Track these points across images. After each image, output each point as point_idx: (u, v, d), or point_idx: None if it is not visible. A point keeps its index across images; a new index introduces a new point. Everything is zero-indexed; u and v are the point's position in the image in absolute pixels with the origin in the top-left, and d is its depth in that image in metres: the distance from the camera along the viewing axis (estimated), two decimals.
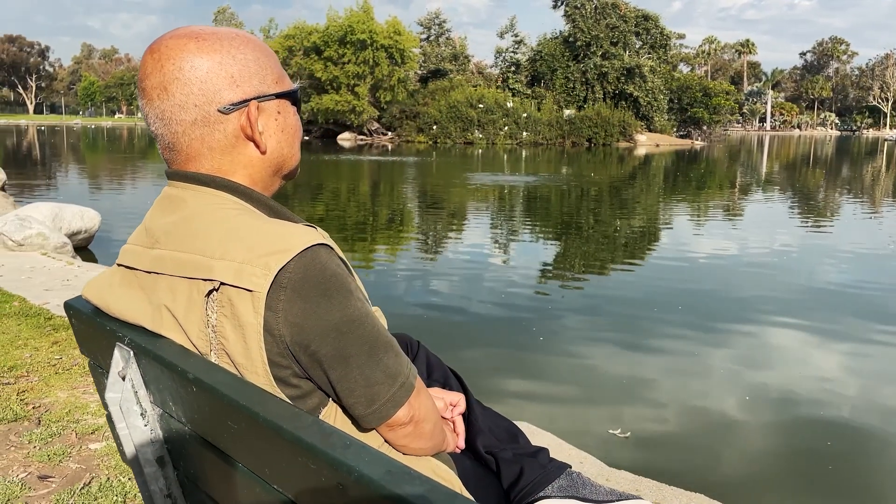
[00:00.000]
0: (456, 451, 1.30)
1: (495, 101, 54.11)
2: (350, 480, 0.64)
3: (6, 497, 2.31)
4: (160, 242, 1.01)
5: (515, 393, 4.30)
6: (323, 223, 11.23)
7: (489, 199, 15.70)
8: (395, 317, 5.90)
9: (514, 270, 7.99)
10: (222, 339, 0.93)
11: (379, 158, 32.83)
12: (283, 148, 1.09)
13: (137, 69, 1.09)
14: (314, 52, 53.27)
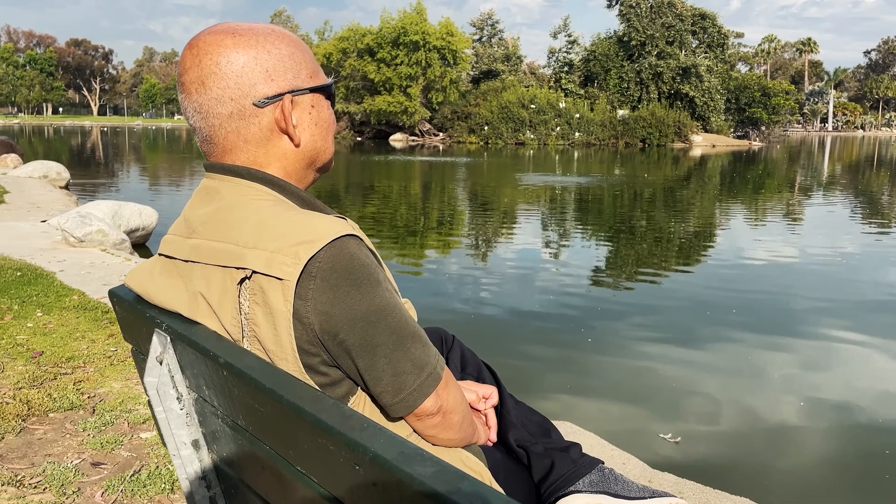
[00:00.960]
0: (488, 444, 1.30)
1: (547, 101, 53.81)
2: (365, 461, 0.65)
3: (61, 482, 2.39)
4: (197, 232, 1.04)
5: (560, 392, 4.27)
6: (374, 222, 11.33)
7: (540, 200, 15.62)
8: (444, 313, 5.92)
9: (564, 271, 7.93)
10: (254, 325, 0.95)
11: (430, 159, 32.95)
12: (317, 141, 1.11)
13: None
14: (367, 53, 53.77)
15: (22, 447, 2.64)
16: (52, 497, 2.29)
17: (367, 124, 56.13)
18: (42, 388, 3.18)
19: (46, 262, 5.98)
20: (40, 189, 12.39)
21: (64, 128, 77.50)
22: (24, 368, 3.41)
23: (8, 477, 2.39)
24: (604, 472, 1.33)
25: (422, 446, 1.06)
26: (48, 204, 10.41)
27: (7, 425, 2.79)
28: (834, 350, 5.21)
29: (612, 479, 1.32)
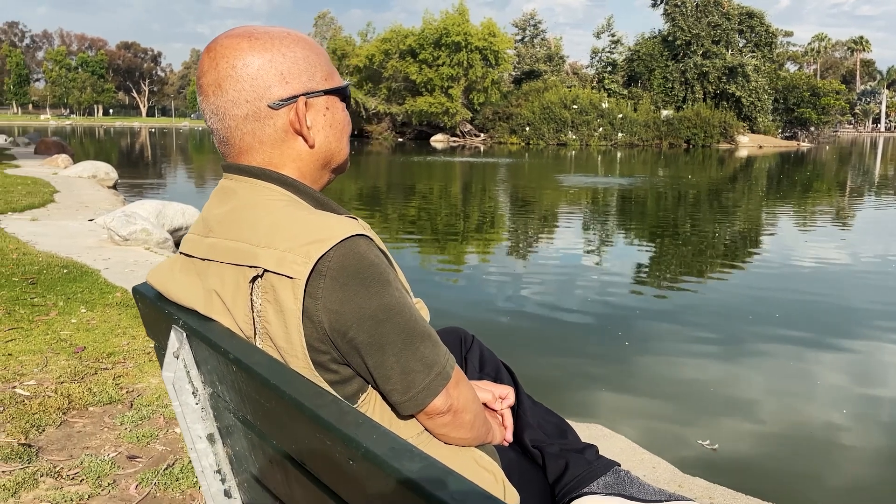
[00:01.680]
0: (504, 444, 1.30)
1: (590, 101, 53.41)
2: (358, 456, 0.66)
3: (97, 474, 2.46)
4: (213, 231, 1.06)
5: (592, 394, 4.24)
6: (414, 223, 11.38)
7: (581, 201, 15.51)
8: (480, 313, 5.92)
9: (604, 273, 7.87)
10: (265, 323, 0.97)
11: (471, 159, 32.95)
12: (332, 142, 1.13)
13: None
14: (409, 54, 54.00)
15: (62, 439, 2.72)
16: (88, 488, 2.36)
17: (408, 125, 56.37)
18: (83, 383, 3.26)
19: (92, 259, 6.13)
20: (89, 189, 12.70)
21: (114, 129, 79.36)
22: (67, 363, 3.51)
23: (47, 468, 2.46)
24: (619, 474, 1.32)
25: (433, 445, 1.07)
26: (96, 203, 10.67)
27: (48, 418, 2.87)
28: (884, 358, 5.07)
29: (627, 481, 1.32)
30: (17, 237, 7.17)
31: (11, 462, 2.48)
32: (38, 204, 9.95)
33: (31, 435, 2.72)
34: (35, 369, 3.40)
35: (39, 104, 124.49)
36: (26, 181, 12.96)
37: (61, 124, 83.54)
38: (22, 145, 27.19)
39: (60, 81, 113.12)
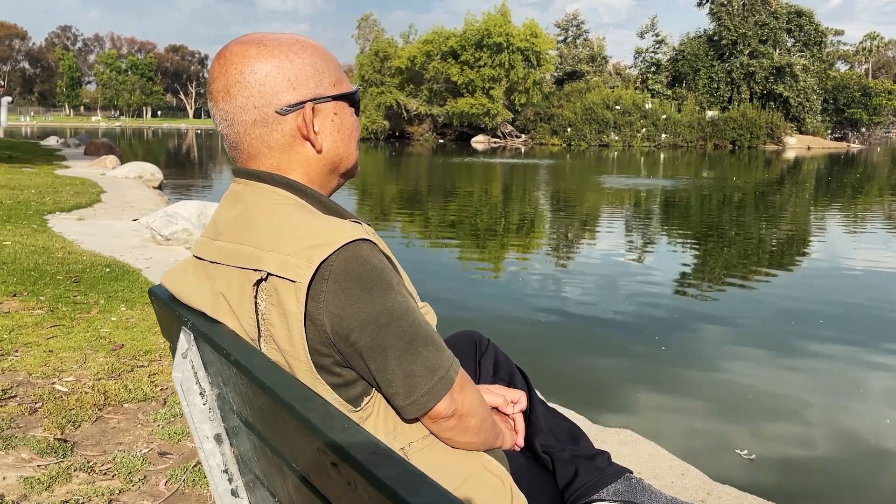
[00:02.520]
0: (515, 450, 1.29)
1: (633, 102, 52.93)
2: (340, 460, 0.66)
3: (129, 469, 2.51)
4: (222, 234, 1.08)
5: (624, 399, 4.19)
6: (453, 225, 11.39)
7: (623, 203, 15.36)
8: (517, 313, 5.90)
9: (643, 277, 7.77)
10: (269, 325, 0.98)
11: (511, 161, 32.87)
12: (339, 147, 1.14)
13: None
14: (451, 55, 54.08)
15: (96, 435, 2.78)
16: (120, 484, 2.41)
17: (449, 126, 56.46)
18: (119, 380, 3.33)
19: (134, 259, 6.27)
20: (135, 189, 12.98)
21: (161, 130, 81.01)
22: (105, 360, 3.59)
23: (81, 463, 2.52)
24: (630, 482, 1.31)
25: (439, 449, 1.07)
26: (140, 203, 10.90)
27: (84, 414, 2.93)
28: None
29: (638, 489, 1.30)
30: (64, 236, 7.36)
31: (47, 456, 2.55)
32: (85, 204, 10.20)
33: (67, 430, 2.78)
34: (74, 366, 3.48)
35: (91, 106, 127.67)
36: (75, 181, 13.29)
37: (111, 126, 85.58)
38: (73, 146, 27.94)
39: (111, 84, 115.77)
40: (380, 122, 56.14)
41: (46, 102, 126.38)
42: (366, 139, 56.02)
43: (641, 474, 2.57)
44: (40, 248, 6.37)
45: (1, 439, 2.63)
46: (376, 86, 57.04)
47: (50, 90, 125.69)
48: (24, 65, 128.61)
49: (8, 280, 5.04)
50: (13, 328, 3.99)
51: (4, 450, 2.57)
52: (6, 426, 2.76)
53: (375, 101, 56.09)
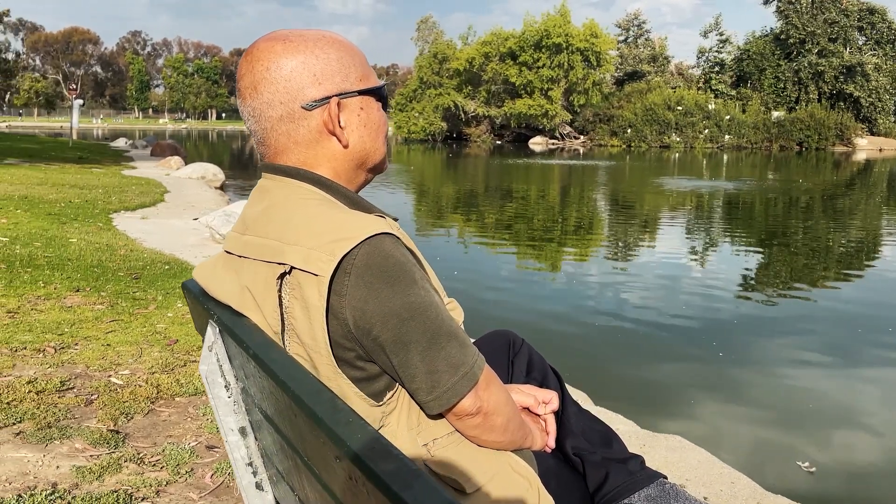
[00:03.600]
0: (546, 451, 1.27)
1: (695, 102, 51.89)
2: (342, 454, 0.66)
3: (177, 462, 2.56)
4: (249, 229, 1.09)
5: (676, 405, 4.09)
6: (509, 227, 11.34)
7: (684, 205, 15.05)
8: (570, 315, 5.84)
9: (703, 280, 7.58)
10: (292, 319, 0.98)
11: (569, 162, 32.58)
12: (366, 142, 1.14)
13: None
14: (509, 57, 53.92)
15: (147, 427, 2.85)
16: (167, 475, 2.46)
17: (506, 128, 56.31)
18: (172, 374, 3.41)
19: (193, 257, 6.42)
20: (197, 189, 13.30)
21: (226, 132, 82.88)
22: (160, 355, 3.67)
23: (131, 454, 2.58)
24: (664, 488, 1.27)
25: (464, 446, 1.06)
26: (202, 203, 11.16)
27: (137, 406, 3.01)
28: None
29: (672, 494, 1.26)
30: (127, 234, 7.58)
31: (99, 447, 2.62)
32: (148, 203, 10.50)
33: (120, 422, 2.86)
34: (130, 360, 3.57)
35: (158, 109, 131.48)
36: (140, 182, 13.70)
37: (177, 128, 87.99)
38: (140, 148, 28.83)
39: (178, 87, 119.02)
40: (437, 123, 56.33)
41: (117, 105, 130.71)
42: (423, 140, 56.28)
43: (689, 481, 2.50)
44: (104, 246, 6.58)
45: (57, 429, 2.72)
46: (434, 87, 57.26)
47: (120, 93, 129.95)
48: (97, 69, 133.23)
49: (72, 276, 5.22)
50: (74, 322, 4.12)
51: (60, 439, 2.65)
52: (62, 416, 2.84)
53: (433, 102, 56.32)
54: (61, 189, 11.37)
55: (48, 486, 2.31)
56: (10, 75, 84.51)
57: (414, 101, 58.88)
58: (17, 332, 3.87)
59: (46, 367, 3.38)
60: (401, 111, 59.91)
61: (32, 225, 7.49)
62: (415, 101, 58.71)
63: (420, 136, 56.74)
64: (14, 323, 4.03)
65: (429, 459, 1.03)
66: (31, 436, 2.65)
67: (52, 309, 4.37)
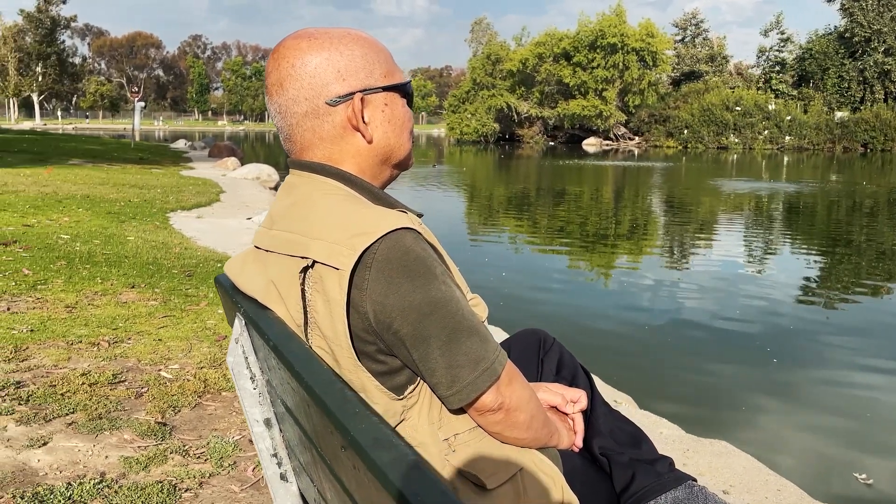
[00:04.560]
0: (574, 450, 1.25)
1: (755, 103, 50.73)
2: (347, 444, 0.66)
3: (220, 455, 2.61)
4: (276, 224, 1.11)
5: (723, 410, 4.00)
6: (562, 229, 11.26)
7: (742, 207, 14.72)
8: (621, 317, 5.77)
9: (758, 285, 7.40)
10: (314, 312, 0.99)
11: (624, 163, 32.19)
12: (390, 138, 1.14)
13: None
14: (563, 57, 53.56)
15: (194, 420, 2.91)
16: (211, 468, 2.50)
17: (560, 128, 55.96)
18: (219, 369, 3.48)
19: None
20: (251, 189, 13.55)
21: None
22: (208, 350, 3.75)
23: (177, 446, 2.64)
24: (692, 490, 1.24)
25: (487, 442, 1.05)
26: (256, 203, 11.36)
27: (185, 400, 3.08)
28: None
29: (701, 497, 1.23)
30: (182, 233, 7.77)
31: (147, 438, 2.68)
32: (204, 203, 10.73)
33: (168, 415, 2.92)
34: (180, 354, 3.66)
35: (217, 111, 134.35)
36: (197, 182, 14.02)
37: (235, 130, 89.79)
38: (198, 149, 29.52)
39: (236, 90, 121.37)
40: (490, 124, 56.29)
41: (177, 107, 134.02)
42: (475, 142, 56.27)
43: (733, 487, 2.44)
44: (160, 244, 6.75)
45: (107, 420, 2.80)
46: (487, 89, 57.24)
47: (181, 96, 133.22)
48: (159, 72, 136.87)
49: (129, 272, 5.37)
50: (128, 317, 4.24)
51: (109, 430, 2.72)
52: (113, 408, 2.92)
53: (486, 103, 56.29)
54: (122, 189, 11.71)
55: (97, 475, 2.38)
56: (76, 79, 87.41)
57: (467, 102, 58.96)
58: (74, 326, 4.00)
59: (100, 360, 3.48)
60: (453, 113, 60.07)
61: (93, 223, 7.73)
62: (467, 103, 58.78)
63: (472, 138, 56.78)
64: (71, 317, 4.17)
65: (450, 454, 1.03)
66: (83, 426, 2.73)
67: (107, 304, 4.50)
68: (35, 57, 75.20)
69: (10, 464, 2.42)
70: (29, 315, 4.15)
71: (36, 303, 4.44)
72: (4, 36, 73.52)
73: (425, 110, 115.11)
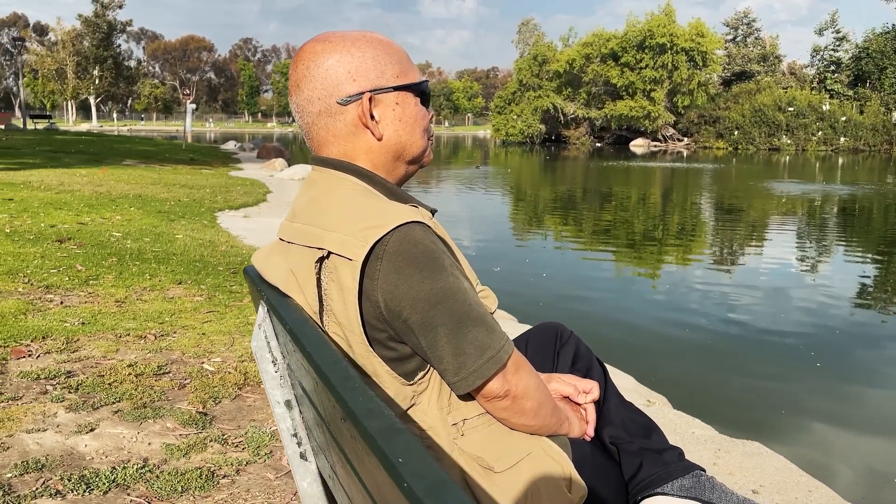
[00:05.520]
0: (585, 439, 1.29)
1: (809, 103, 49.59)
2: (346, 415, 0.71)
3: (257, 444, 2.69)
4: (297, 217, 1.18)
5: (760, 412, 3.95)
6: (608, 231, 11.19)
7: (794, 210, 14.42)
8: (664, 317, 5.73)
9: (807, 289, 7.25)
10: (329, 300, 1.05)
11: (672, 165, 31.77)
12: (402, 136, 1.20)
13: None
14: (611, 58, 53.09)
15: (233, 411, 3.01)
16: (248, 456, 2.59)
17: (606, 130, 55.47)
18: None
19: None
20: (298, 190, 13.76)
21: None
22: (249, 345, 3.86)
23: (216, 435, 2.74)
24: (699, 479, 1.27)
25: (496, 428, 1.10)
26: None
27: (225, 391, 3.18)
28: None
29: (708, 486, 1.25)
30: (229, 232, 7.95)
31: (188, 427, 2.79)
32: (251, 203, 10.96)
33: (209, 405, 3.03)
34: (222, 348, 3.77)
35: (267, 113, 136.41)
36: (245, 182, 14.30)
37: (284, 131, 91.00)
38: (247, 150, 30.06)
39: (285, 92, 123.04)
40: (536, 125, 56.08)
41: (228, 109, 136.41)
42: (521, 143, 56.10)
43: (763, 487, 2.43)
44: (207, 242, 6.93)
45: (151, 409, 2.91)
46: (533, 90, 57.04)
47: (232, 98, 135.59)
48: (210, 75, 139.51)
49: (176, 269, 5.53)
50: (174, 312, 4.38)
51: (153, 419, 2.83)
52: (157, 398, 3.04)
53: (532, 104, 56.09)
54: (172, 188, 12.02)
55: (140, 461, 2.48)
56: (131, 82, 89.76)
57: (512, 103, 58.83)
58: (123, 319, 4.15)
59: (146, 352, 3.61)
60: (499, 114, 59.98)
61: (144, 222, 7.97)
62: (513, 104, 58.65)
63: (518, 139, 56.63)
64: (121, 311, 4.32)
65: (458, 438, 1.08)
66: (128, 414, 2.84)
67: (155, 299, 4.65)
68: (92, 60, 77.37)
69: (59, 448, 2.54)
70: (81, 309, 4.32)
71: (88, 297, 4.61)
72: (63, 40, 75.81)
73: (471, 111, 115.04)
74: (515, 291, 6.75)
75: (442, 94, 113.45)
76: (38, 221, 7.40)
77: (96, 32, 76.45)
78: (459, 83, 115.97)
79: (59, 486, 2.26)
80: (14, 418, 2.75)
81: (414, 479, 0.54)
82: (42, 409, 2.86)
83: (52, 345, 3.61)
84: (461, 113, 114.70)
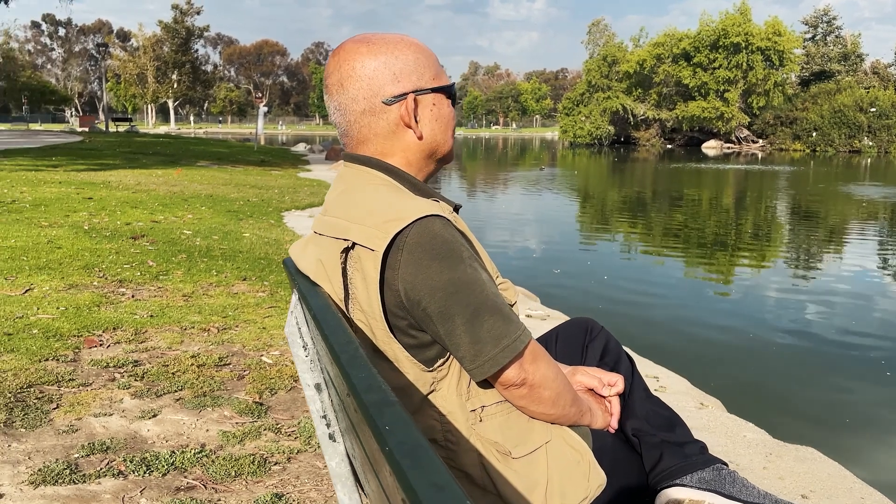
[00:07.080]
0: (610, 431, 1.31)
1: (892, 104, 47.56)
2: (350, 389, 0.76)
3: (309, 434, 2.78)
4: (328, 210, 1.25)
5: (819, 419, 3.86)
6: (678, 234, 11.01)
7: (875, 216, 13.88)
8: (730, 321, 5.63)
9: (884, 297, 7.01)
10: (354, 289, 1.11)
11: (746, 167, 30.97)
12: (437, 135, 1.26)
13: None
14: (683, 58, 52.09)
15: (288, 402, 3.11)
16: (299, 445, 2.68)
17: (677, 131, 54.45)
18: None
19: None
20: None
21: None
22: None
23: (271, 424, 2.84)
24: (720, 472, 1.27)
25: (515, 415, 1.14)
26: None
27: (281, 383, 3.29)
28: None
29: (729, 480, 1.26)
30: (294, 231, 8.16)
31: (245, 416, 2.90)
32: (317, 203, 11.18)
33: (265, 396, 3.14)
34: (281, 342, 3.89)
35: None
36: (312, 183, 14.61)
37: None
38: (317, 152, 30.63)
39: None
40: (605, 127, 55.46)
41: (300, 112, 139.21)
42: (589, 145, 55.53)
43: (813, 492, 2.39)
44: (272, 240, 7.13)
45: (210, 398, 3.03)
46: (602, 91, 56.43)
47: (303, 101, 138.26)
48: (283, 79, 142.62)
49: (241, 266, 5.71)
50: (238, 307, 4.53)
51: (212, 407, 2.96)
52: (217, 388, 3.16)
53: (601, 106, 55.50)
54: (242, 189, 12.38)
55: (197, 446, 2.59)
56: (208, 86, 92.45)
57: (581, 105, 58.30)
58: (189, 313, 4.32)
59: (209, 344, 3.76)
60: (567, 115, 59.54)
61: (213, 220, 8.24)
62: (581, 105, 58.11)
63: (586, 140, 56.10)
64: (187, 305, 4.50)
65: (476, 424, 1.12)
66: (189, 402, 2.97)
67: (220, 294, 4.82)
68: (171, 65, 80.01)
69: (123, 432, 2.68)
70: (150, 302, 4.52)
71: (157, 291, 4.82)
72: (145, 46, 78.68)
73: (539, 113, 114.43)
74: (572, 294, 6.73)
75: (510, 95, 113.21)
76: (115, 219, 7.74)
77: (175, 38, 79.04)
78: (528, 84, 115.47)
79: (121, 467, 2.39)
80: (83, 403, 2.91)
81: (397, 445, 0.59)
82: (109, 395, 3.01)
83: (122, 335, 3.79)
84: (529, 114, 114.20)
